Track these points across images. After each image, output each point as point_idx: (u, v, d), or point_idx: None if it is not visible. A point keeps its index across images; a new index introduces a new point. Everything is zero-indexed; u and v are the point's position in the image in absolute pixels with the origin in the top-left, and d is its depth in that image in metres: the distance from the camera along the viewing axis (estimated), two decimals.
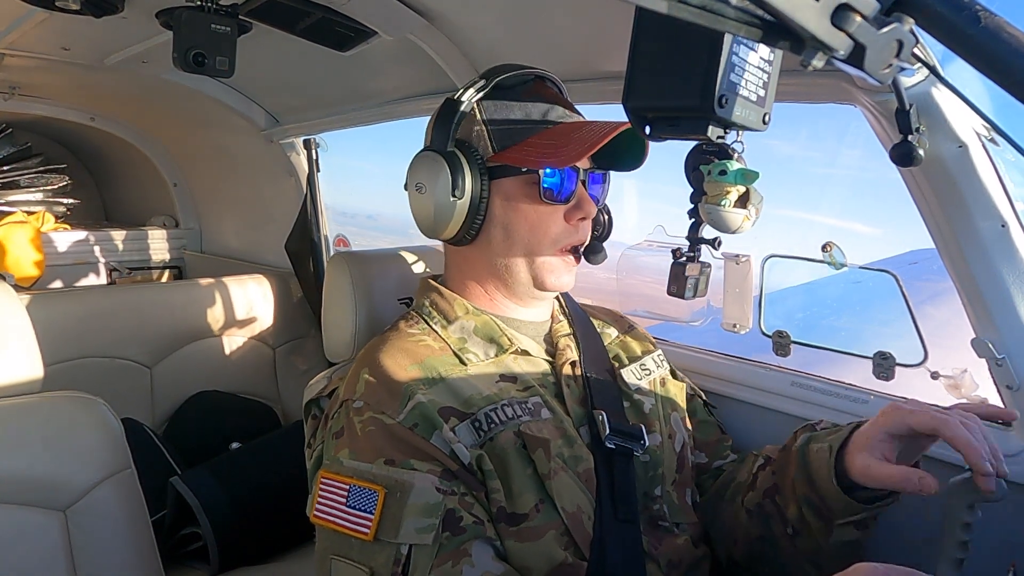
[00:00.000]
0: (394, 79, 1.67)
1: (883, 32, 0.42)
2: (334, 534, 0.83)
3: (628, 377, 1.06)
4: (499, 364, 0.97)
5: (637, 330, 1.18)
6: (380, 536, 0.79)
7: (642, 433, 0.97)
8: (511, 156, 0.94)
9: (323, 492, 0.85)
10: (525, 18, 1.25)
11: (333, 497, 0.83)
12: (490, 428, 0.88)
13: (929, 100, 0.89)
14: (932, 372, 1.11)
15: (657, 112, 0.82)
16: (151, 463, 1.77)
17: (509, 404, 0.92)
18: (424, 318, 1.01)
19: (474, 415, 0.89)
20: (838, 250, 1.18)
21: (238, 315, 2.27)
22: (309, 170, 2.24)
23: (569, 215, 0.96)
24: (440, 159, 0.92)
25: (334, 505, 0.83)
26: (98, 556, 1.05)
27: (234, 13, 1.30)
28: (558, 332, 1.05)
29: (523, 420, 0.91)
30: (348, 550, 0.81)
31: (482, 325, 0.98)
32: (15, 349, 1.05)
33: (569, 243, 0.97)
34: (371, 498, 0.81)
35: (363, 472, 0.83)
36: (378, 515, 0.80)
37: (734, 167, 0.92)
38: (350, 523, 0.81)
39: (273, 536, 1.79)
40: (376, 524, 0.80)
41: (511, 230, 0.96)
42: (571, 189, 0.95)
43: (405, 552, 0.79)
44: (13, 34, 1.61)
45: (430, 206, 0.94)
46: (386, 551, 0.79)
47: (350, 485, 0.83)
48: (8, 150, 2.80)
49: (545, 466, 0.87)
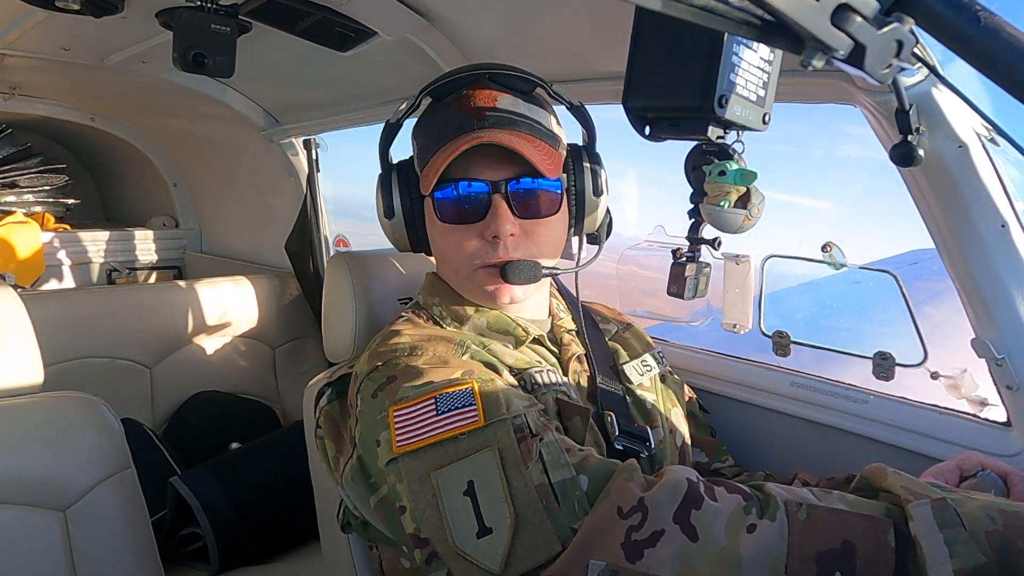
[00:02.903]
0: (394, 79, 1.67)
1: (883, 32, 0.42)
2: (428, 451, 0.76)
3: (631, 374, 1.06)
4: (522, 351, 0.97)
5: (634, 327, 1.18)
6: (491, 418, 0.76)
7: (648, 435, 0.97)
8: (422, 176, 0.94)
9: (401, 422, 0.78)
10: (525, 18, 1.25)
11: (417, 418, 0.78)
12: (534, 389, 0.90)
13: (929, 100, 0.89)
14: (932, 372, 1.11)
15: (657, 112, 0.82)
16: (151, 463, 1.77)
17: (551, 371, 0.94)
18: (435, 319, 0.99)
19: (520, 374, 0.91)
20: (838, 250, 1.18)
21: (238, 315, 2.27)
22: (309, 170, 2.24)
23: (485, 232, 0.91)
24: (377, 180, 0.98)
25: (421, 423, 0.77)
26: (98, 556, 1.05)
27: (234, 13, 1.30)
28: (560, 328, 1.05)
29: (562, 388, 0.93)
30: (455, 452, 0.75)
31: (494, 320, 0.97)
32: (15, 349, 1.05)
33: (485, 261, 0.92)
34: (465, 395, 0.78)
35: (445, 382, 0.80)
36: (480, 403, 0.77)
37: (733, 167, 0.92)
38: (451, 424, 0.76)
39: (273, 536, 1.79)
40: (482, 409, 0.76)
41: (436, 246, 0.99)
42: (468, 208, 0.91)
43: (520, 420, 0.77)
44: (13, 34, 1.61)
45: (382, 225, 1.00)
46: (503, 427, 0.76)
47: (436, 396, 0.78)
48: (8, 150, 2.80)
49: (580, 433, 0.88)
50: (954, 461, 0.87)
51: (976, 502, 0.66)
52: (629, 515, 0.67)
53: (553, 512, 0.70)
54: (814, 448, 1.22)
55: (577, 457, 0.74)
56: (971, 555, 0.61)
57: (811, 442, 1.22)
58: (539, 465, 0.73)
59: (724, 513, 0.67)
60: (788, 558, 0.64)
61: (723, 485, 0.71)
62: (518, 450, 0.74)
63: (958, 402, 1.08)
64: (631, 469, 0.73)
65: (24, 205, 2.80)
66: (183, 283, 2.20)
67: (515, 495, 0.71)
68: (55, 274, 2.74)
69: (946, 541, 0.62)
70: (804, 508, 0.68)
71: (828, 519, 0.67)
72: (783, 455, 1.25)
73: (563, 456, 0.74)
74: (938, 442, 1.06)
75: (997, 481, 0.81)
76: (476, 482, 0.73)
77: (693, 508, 0.68)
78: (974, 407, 1.07)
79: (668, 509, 0.67)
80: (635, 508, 0.68)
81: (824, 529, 0.66)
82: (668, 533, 0.66)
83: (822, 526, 0.66)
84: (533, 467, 0.73)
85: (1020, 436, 1.00)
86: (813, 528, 0.66)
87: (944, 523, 0.64)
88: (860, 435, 1.15)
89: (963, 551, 0.62)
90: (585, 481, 0.72)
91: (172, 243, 3.00)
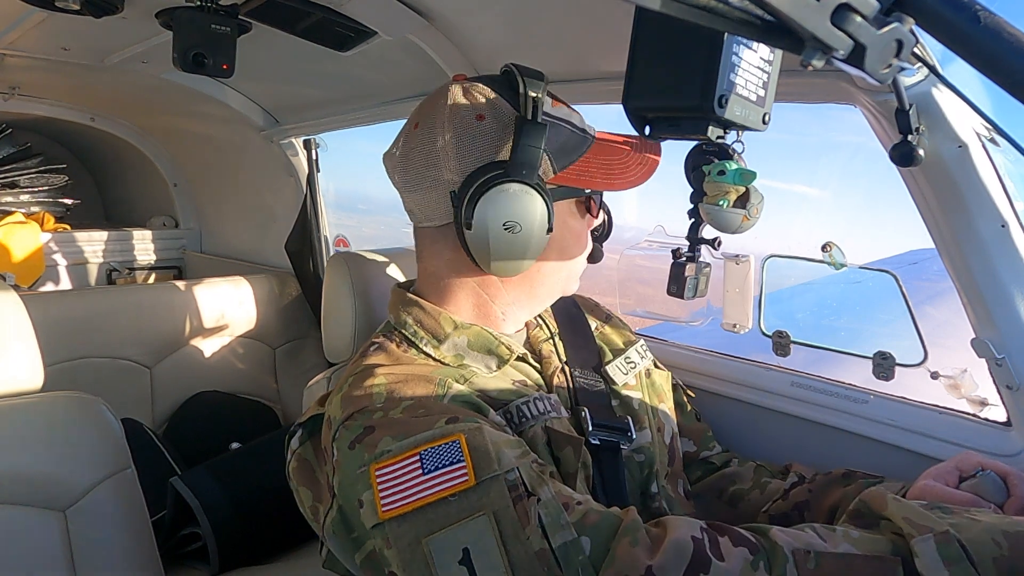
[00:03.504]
0: (394, 79, 1.67)
1: (883, 32, 0.42)
2: (417, 515, 0.70)
3: (614, 374, 1.05)
4: (504, 374, 0.92)
5: (615, 319, 1.16)
6: (481, 476, 0.70)
7: (628, 425, 0.96)
8: (572, 178, 0.90)
9: (385, 483, 0.73)
10: (525, 18, 1.25)
11: (401, 478, 0.72)
12: (521, 422, 0.86)
13: (929, 100, 0.89)
14: (932, 372, 1.11)
15: (657, 112, 0.82)
16: (151, 463, 1.77)
17: (538, 399, 0.90)
18: (410, 338, 0.92)
19: (506, 407, 0.87)
20: (838, 250, 1.18)
21: (238, 315, 2.27)
22: (309, 170, 2.24)
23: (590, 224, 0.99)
24: (534, 193, 0.83)
25: (407, 484, 0.72)
26: (98, 556, 1.06)
27: (234, 13, 1.30)
28: (537, 339, 1.03)
29: (550, 416, 0.89)
30: (446, 516, 0.70)
31: (475, 337, 0.91)
32: (15, 349, 1.05)
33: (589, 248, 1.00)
34: (453, 449, 0.72)
35: (428, 436, 0.73)
36: (469, 459, 0.71)
37: (733, 167, 0.92)
38: (440, 485, 0.71)
39: (273, 536, 1.78)
40: (472, 466, 0.71)
41: (565, 249, 0.94)
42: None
43: (514, 476, 0.71)
44: (13, 34, 1.61)
45: (524, 245, 0.84)
46: (496, 485, 0.70)
47: (420, 452, 0.72)
48: (8, 150, 2.80)
49: (573, 465, 0.86)
50: (953, 462, 0.87)
51: (979, 525, 0.65)
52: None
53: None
54: (814, 448, 1.22)
55: (576, 514, 0.70)
56: None
57: (811, 442, 1.22)
58: (538, 530, 0.68)
59: (733, 573, 0.65)
60: None
61: (727, 534, 0.69)
62: (514, 513, 0.69)
63: (958, 402, 1.08)
64: (634, 530, 0.69)
65: (24, 205, 2.80)
66: (183, 283, 2.20)
67: (514, 564, 0.67)
68: (55, 274, 2.74)
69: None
70: (812, 557, 0.65)
71: (838, 568, 0.65)
72: (783, 455, 1.25)
73: (562, 516, 0.70)
74: (938, 442, 1.06)
75: (997, 481, 0.81)
76: (472, 550, 0.68)
77: (701, 572, 0.65)
78: (974, 407, 1.07)
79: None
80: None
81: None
82: None
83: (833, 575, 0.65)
84: (531, 532, 0.68)
85: (1020, 436, 1.00)
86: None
87: (950, 559, 0.62)
88: (860, 435, 1.15)
89: None
90: (588, 544, 0.68)
91: (172, 243, 3.00)
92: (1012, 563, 0.62)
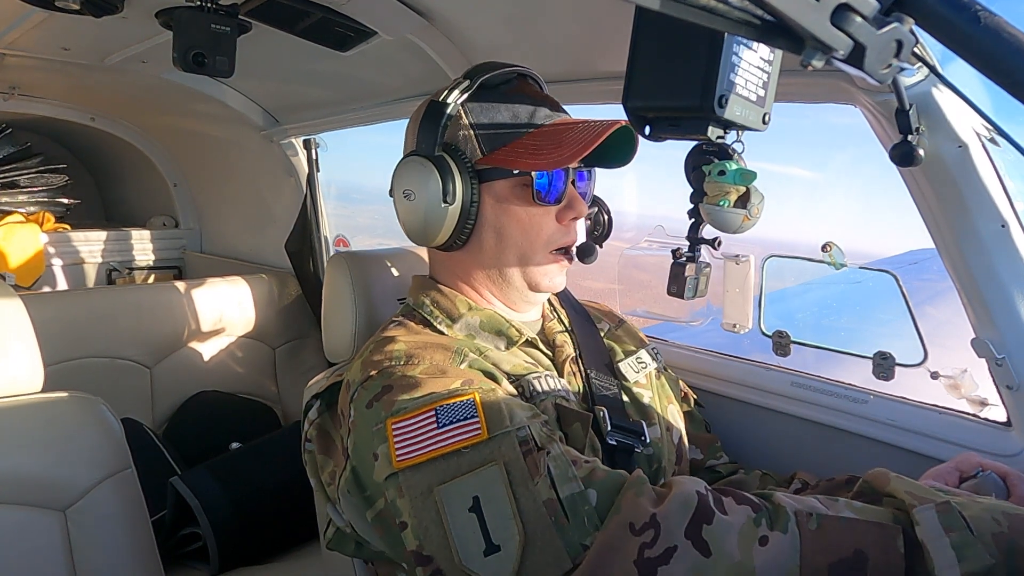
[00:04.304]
0: (394, 79, 1.67)
1: (883, 32, 0.41)
2: (430, 465, 0.74)
3: (626, 371, 1.06)
4: (514, 354, 0.95)
5: (627, 324, 1.18)
6: (494, 431, 0.74)
7: (643, 429, 0.97)
8: (501, 159, 0.91)
9: (401, 435, 0.76)
10: (524, 18, 1.25)
11: (417, 431, 0.76)
12: (533, 396, 0.88)
13: (929, 100, 0.89)
14: (932, 372, 1.11)
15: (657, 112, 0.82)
16: (151, 463, 1.77)
17: (548, 377, 0.92)
18: (426, 317, 0.97)
19: (518, 380, 0.89)
20: (838, 250, 1.18)
21: (238, 315, 2.27)
22: (309, 170, 2.24)
23: (561, 215, 0.94)
24: (429, 164, 0.89)
25: (422, 436, 0.75)
26: (98, 556, 1.06)
27: (234, 13, 1.30)
28: (552, 330, 1.04)
29: (560, 393, 0.91)
30: (458, 466, 0.73)
31: (487, 319, 0.95)
32: (15, 349, 1.05)
33: (562, 243, 0.95)
34: (467, 406, 0.76)
35: (445, 392, 0.77)
36: (482, 415, 0.75)
37: (733, 167, 0.92)
38: (453, 437, 0.74)
39: (273, 536, 1.78)
40: (485, 422, 0.74)
41: (504, 233, 0.93)
42: (561, 189, 0.93)
43: (525, 432, 0.75)
44: (13, 34, 1.61)
45: (420, 213, 0.91)
46: (507, 440, 0.74)
47: (436, 408, 0.76)
48: (8, 150, 2.80)
49: (581, 440, 0.87)
50: (953, 462, 0.87)
51: (980, 505, 0.66)
52: (641, 532, 0.66)
53: (563, 528, 0.69)
54: (814, 448, 1.22)
55: (584, 470, 0.73)
56: (979, 558, 0.61)
57: (811, 442, 1.22)
58: (547, 480, 0.71)
59: (735, 526, 0.66)
60: (801, 570, 0.64)
61: (731, 495, 0.71)
62: (524, 464, 0.72)
63: (958, 402, 1.08)
64: (640, 483, 0.71)
65: (24, 205, 2.80)
66: (183, 283, 2.20)
67: (523, 511, 0.70)
68: (55, 274, 2.74)
69: (953, 545, 0.62)
70: (814, 518, 0.67)
71: (839, 528, 0.66)
72: (783, 455, 1.25)
73: (570, 469, 0.72)
74: (938, 442, 1.06)
75: (997, 482, 0.81)
76: (482, 498, 0.71)
77: (704, 523, 0.67)
78: (974, 407, 1.07)
79: (680, 524, 0.66)
80: (647, 524, 0.67)
81: (835, 539, 0.65)
82: (681, 549, 0.65)
83: (833, 535, 0.66)
84: (541, 482, 0.71)
85: (1020, 436, 1.00)
86: (824, 538, 0.65)
87: (950, 527, 0.63)
88: (860, 435, 1.15)
89: (971, 554, 0.62)
90: (594, 495, 0.71)
91: (172, 243, 3.00)
92: (1011, 540, 0.63)
